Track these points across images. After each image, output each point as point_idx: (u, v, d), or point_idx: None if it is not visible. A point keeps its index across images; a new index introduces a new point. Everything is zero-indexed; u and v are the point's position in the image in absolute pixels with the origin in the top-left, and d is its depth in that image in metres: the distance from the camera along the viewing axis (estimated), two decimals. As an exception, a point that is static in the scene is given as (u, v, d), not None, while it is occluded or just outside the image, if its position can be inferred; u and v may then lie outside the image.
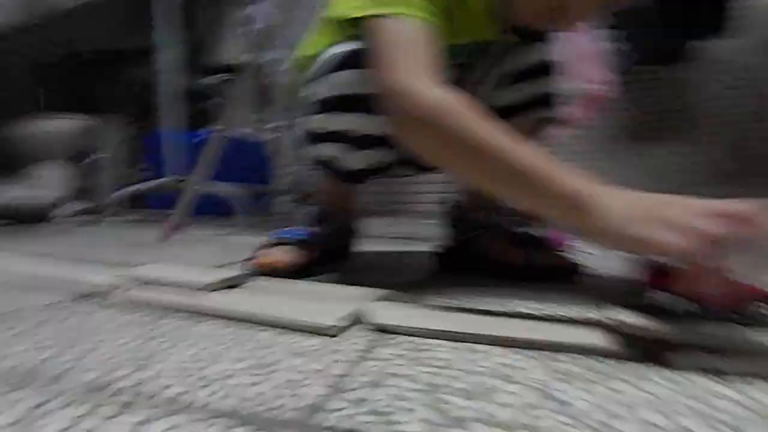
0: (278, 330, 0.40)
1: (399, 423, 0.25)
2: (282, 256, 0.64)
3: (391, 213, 1.69)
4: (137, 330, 0.40)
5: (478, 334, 0.37)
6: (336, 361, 0.34)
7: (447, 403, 0.28)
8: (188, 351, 0.35)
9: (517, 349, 0.35)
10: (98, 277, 0.56)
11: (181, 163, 1.62)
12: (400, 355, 0.35)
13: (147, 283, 0.51)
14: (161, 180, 1.62)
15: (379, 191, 1.81)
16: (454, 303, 0.48)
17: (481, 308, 0.44)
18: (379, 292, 0.50)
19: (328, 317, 0.40)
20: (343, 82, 0.55)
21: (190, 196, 1.25)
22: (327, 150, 0.61)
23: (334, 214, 0.72)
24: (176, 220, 1.20)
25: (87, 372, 0.31)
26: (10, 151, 1.94)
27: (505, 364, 0.33)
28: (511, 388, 0.29)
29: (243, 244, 0.90)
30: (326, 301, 0.46)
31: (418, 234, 1.14)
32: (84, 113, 2.11)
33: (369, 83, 0.49)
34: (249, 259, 0.64)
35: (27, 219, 1.46)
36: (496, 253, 0.66)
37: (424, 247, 0.80)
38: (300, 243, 0.66)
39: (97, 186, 2.34)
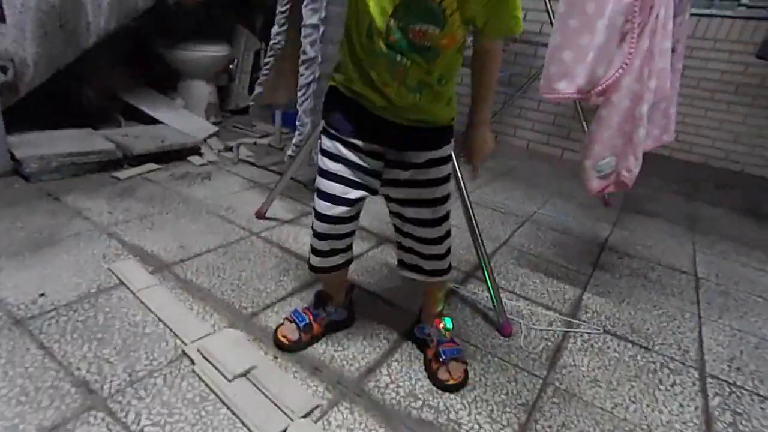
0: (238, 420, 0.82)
1: None
2: (290, 334, 1.04)
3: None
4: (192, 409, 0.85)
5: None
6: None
7: None
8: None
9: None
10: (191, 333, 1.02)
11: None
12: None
13: (204, 357, 0.95)
14: (271, 137, 2.04)
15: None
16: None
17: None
18: (314, 403, 0.88)
19: (268, 430, 0.81)
20: None
21: (287, 178, 1.64)
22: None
23: (333, 297, 1.08)
24: (265, 207, 1.64)
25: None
26: (168, 70, 2.48)
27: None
28: None
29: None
30: (277, 408, 0.85)
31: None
32: (223, 40, 2.51)
33: None
34: (276, 328, 1.06)
35: (180, 156, 2.02)
36: (427, 357, 1.03)
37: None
38: (304, 327, 1.05)
39: (231, 95, 2.87)
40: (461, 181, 1.25)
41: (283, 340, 1.03)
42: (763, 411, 1.06)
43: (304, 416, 0.86)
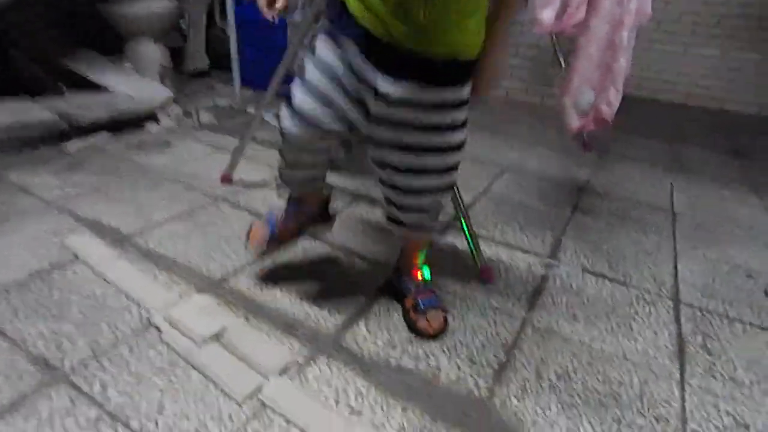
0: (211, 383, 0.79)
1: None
2: (263, 234, 1.01)
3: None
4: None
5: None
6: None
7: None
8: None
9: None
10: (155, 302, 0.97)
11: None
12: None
13: (172, 325, 0.91)
14: (231, 99, 1.92)
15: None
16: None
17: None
18: (289, 360, 0.85)
19: (241, 389, 0.78)
20: None
21: (247, 139, 1.55)
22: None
23: (304, 199, 1.05)
24: (230, 171, 1.56)
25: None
26: (111, 31, 2.28)
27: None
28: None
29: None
30: (251, 368, 0.82)
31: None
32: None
33: None
34: (248, 231, 1.04)
35: (134, 124, 1.89)
36: (405, 308, 1.01)
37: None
38: (273, 233, 1.02)
39: (186, 56, 2.68)
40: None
41: (257, 243, 1.01)
42: (732, 331, 1.09)
43: (280, 374, 0.83)
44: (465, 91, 0.81)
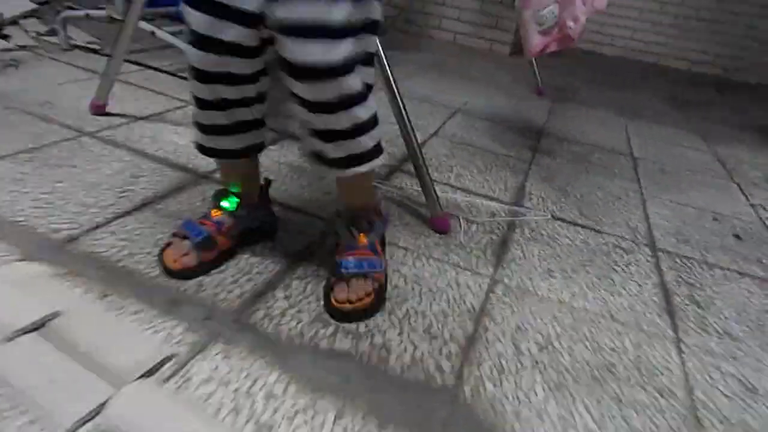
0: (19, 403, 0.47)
1: None
2: (184, 257, 0.69)
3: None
4: None
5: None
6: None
7: None
8: None
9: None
10: None
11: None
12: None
13: None
14: (103, 11, 1.46)
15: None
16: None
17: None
18: (162, 354, 0.56)
19: (71, 409, 0.48)
20: None
21: (120, 56, 1.15)
22: None
23: (241, 195, 0.75)
24: (102, 97, 1.16)
25: None
26: None
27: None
28: None
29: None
30: (93, 371, 0.51)
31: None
32: None
33: None
34: (161, 250, 0.71)
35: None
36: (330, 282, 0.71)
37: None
38: (203, 242, 0.70)
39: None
40: (386, 63, 0.91)
41: (175, 265, 0.68)
42: (713, 278, 0.97)
43: (144, 375, 0.54)
44: None
